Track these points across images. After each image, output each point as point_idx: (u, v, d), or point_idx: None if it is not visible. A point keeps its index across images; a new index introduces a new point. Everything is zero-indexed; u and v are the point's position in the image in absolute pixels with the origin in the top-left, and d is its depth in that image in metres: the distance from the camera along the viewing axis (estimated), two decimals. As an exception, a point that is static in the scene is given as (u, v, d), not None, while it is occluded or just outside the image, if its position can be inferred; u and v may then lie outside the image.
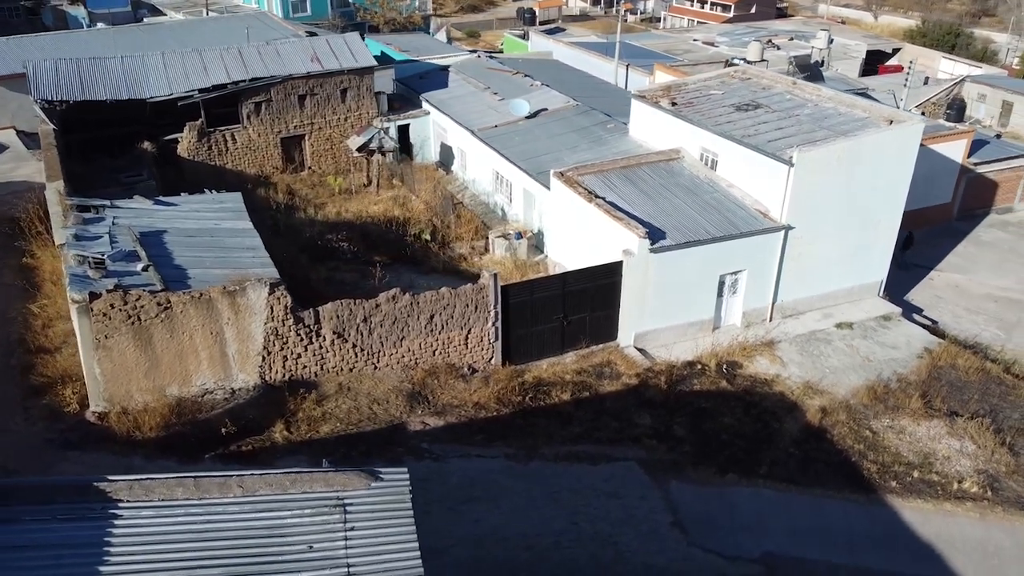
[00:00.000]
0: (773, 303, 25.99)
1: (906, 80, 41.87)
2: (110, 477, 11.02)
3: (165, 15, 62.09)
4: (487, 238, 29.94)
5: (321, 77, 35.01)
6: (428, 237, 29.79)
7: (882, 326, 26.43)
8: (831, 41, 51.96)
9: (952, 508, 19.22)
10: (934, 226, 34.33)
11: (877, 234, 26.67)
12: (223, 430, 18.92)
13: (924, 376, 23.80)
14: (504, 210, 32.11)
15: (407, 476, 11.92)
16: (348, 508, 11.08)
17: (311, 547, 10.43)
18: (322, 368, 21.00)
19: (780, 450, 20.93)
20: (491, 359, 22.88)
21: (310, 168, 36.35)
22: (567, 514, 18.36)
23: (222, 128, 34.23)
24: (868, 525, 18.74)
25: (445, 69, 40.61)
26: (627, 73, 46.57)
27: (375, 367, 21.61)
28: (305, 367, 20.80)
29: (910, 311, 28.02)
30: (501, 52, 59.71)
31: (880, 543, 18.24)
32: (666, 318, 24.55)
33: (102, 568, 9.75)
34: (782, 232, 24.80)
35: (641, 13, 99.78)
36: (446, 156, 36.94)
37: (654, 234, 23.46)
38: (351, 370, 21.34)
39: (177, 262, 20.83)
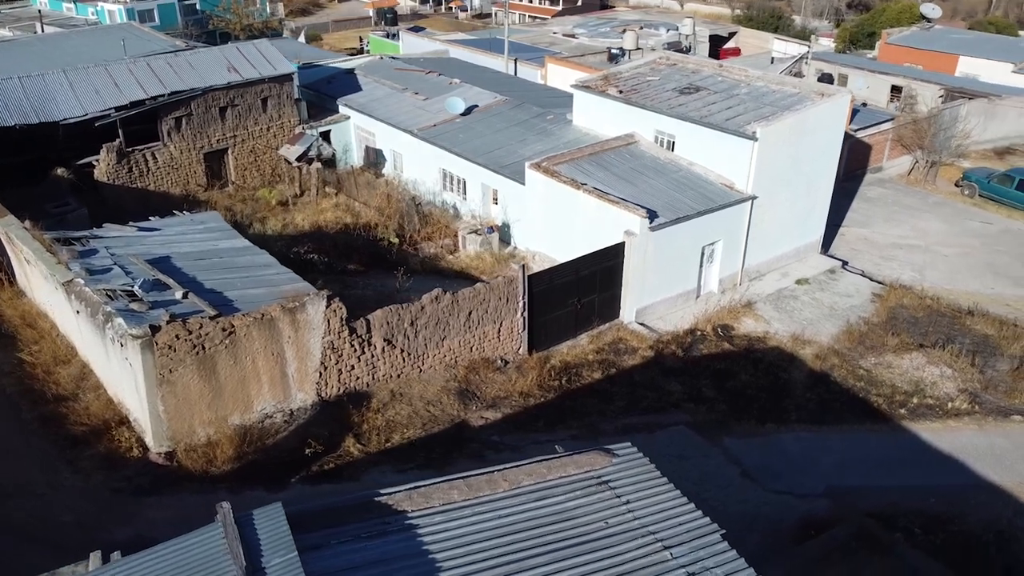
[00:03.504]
0: (742, 268, 28.26)
1: (807, 58, 46.06)
2: (383, 491, 10.89)
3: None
4: (455, 236, 30.18)
5: (241, 87, 33.57)
6: (396, 240, 29.61)
7: (831, 279, 29.48)
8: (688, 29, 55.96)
9: (955, 424, 22.13)
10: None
11: (817, 197, 29.68)
12: (307, 451, 18.33)
13: (884, 317, 26.90)
14: (457, 208, 32.39)
15: (635, 448, 12.56)
16: (611, 484, 11.59)
17: (607, 523, 10.88)
18: (373, 377, 20.72)
19: (798, 397, 23.05)
20: (519, 349, 23.43)
21: (234, 183, 34.75)
22: (651, 480, 19.39)
23: (141, 147, 32.02)
24: (896, 449, 21.20)
25: (351, 72, 40.00)
26: (515, 67, 47.78)
27: (420, 370, 21.57)
28: (358, 378, 20.44)
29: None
30: (363, 53, 59.16)
31: (913, 463, 20.72)
32: (660, 292, 26.10)
33: (441, 575, 9.74)
34: (749, 202, 27.05)
35: (471, 10, 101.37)
36: (373, 160, 36.55)
37: (649, 213, 24.88)
38: (399, 376, 21.19)
39: (209, 286, 19.77)
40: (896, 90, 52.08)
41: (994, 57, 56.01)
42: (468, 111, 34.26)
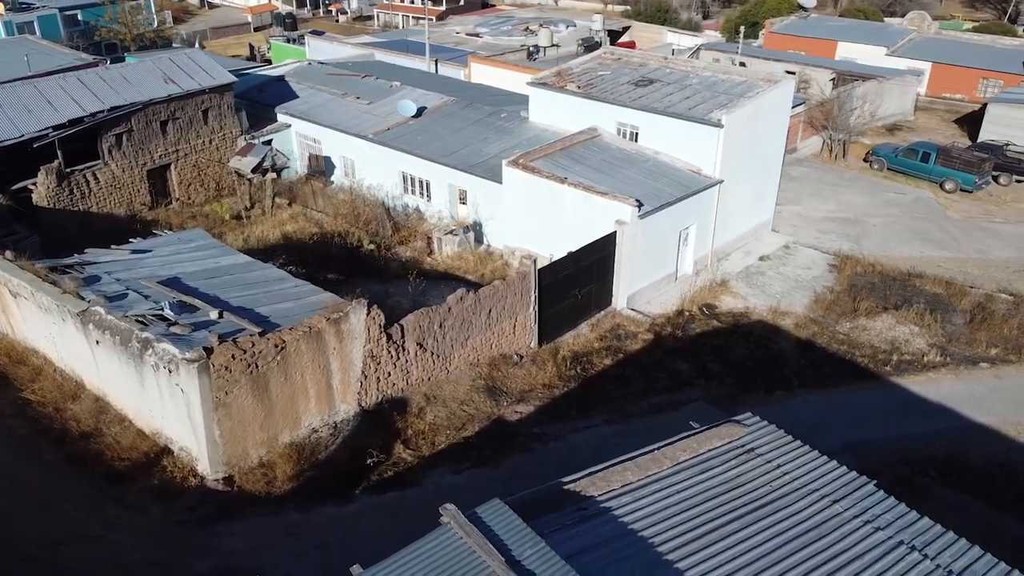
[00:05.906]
0: (711, 249, 29.68)
1: (738, 48, 48.21)
2: (566, 480, 11.13)
3: None
4: (428, 238, 30.12)
5: (182, 99, 32.14)
6: (372, 246, 29.27)
7: (788, 253, 31.42)
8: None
9: (935, 376, 24.22)
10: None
11: (768, 177, 31.53)
12: (369, 461, 18.09)
13: (845, 285, 28.95)
14: (420, 210, 32.27)
15: (759, 417, 13.30)
16: (757, 451, 12.28)
17: (771, 486, 11.56)
18: (407, 382, 20.61)
19: (793, 364, 24.58)
20: (530, 342, 23.82)
21: (179, 199, 33.24)
22: (691, 455, 20.28)
23: (80, 167, 30.15)
24: (892, 403, 23.02)
25: (282, 79, 38.96)
26: (437, 67, 47.80)
27: (447, 371, 21.60)
28: (394, 384, 20.28)
29: (788, 239, 33.38)
30: (268, 61, 57.62)
31: (911, 414, 22.57)
32: (646, 277, 27.09)
33: (657, 549, 10.14)
34: (718, 186, 28.45)
35: (351, 13, 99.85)
36: (319, 168, 35.80)
37: (636, 202, 25.78)
38: (429, 379, 21.15)
39: (236, 304, 19.08)
40: (789, 75, 55.46)
41: (868, 42, 60.68)
42: (419, 113, 34.15)
